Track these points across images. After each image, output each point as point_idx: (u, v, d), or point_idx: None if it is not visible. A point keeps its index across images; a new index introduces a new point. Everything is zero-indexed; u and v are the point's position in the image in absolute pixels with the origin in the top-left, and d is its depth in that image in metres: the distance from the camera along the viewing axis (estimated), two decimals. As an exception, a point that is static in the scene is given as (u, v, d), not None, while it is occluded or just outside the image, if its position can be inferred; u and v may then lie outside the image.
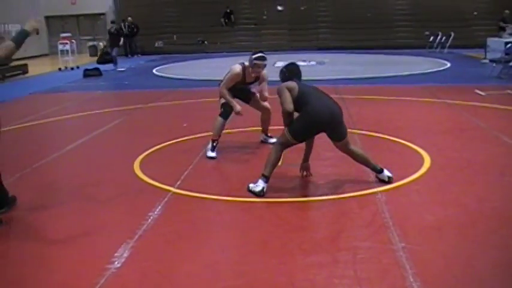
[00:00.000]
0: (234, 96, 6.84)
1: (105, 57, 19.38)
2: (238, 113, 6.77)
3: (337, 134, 5.50)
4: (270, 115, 7.22)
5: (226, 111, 6.82)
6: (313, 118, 5.30)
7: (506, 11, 21.26)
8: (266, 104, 7.09)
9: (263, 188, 5.28)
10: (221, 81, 6.94)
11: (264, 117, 7.25)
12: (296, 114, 5.37)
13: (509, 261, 3.86)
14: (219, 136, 6.86)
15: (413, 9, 28.34)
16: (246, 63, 6.72)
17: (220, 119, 6.84)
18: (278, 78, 5.75)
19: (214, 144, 6.81)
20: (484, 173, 5.92)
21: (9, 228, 4.78)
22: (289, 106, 5.26)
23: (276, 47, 24.41)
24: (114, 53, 19.50)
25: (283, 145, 5.48)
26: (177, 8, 29.52)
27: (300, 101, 5.31)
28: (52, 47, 27.85)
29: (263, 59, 6.60)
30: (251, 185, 5.37)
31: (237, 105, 6.76)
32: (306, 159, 5.86)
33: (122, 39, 20.48)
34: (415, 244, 4.08)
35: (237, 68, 6.70)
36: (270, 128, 7.34)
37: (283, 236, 4.37)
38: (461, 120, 8.74)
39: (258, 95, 7.10)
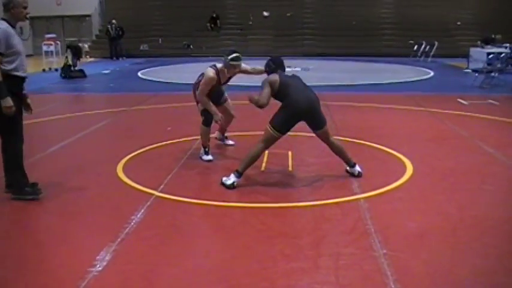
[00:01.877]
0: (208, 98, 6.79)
1: (71, 73, 17.07)
2: (218, 121, 6.78)
3: (317, 123, 5.86)
4: (231, 120, 7.34)
5: (208, 118, 6.78)
6: (293, 109, 5.68)
7: (498, 36, 21.10)
8: (233, 113, 7.23)
9: (233, 182, 5.66)
10: (195, 84, 6.87)
11: (226, 119, 7.22)
12: (279, 104, 5.80)
13: (490, 269, 3.90)
14: (209, 141, 6.89)
15: (398, 18, 28.58)
16: (219, 65, 6.67)
17: (203, 127, 6.83)
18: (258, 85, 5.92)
19: (206, 149, 6.85)
20: (466, 182, 5.99)
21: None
22: (264, 102, 5.68)
23: (261, 52, 24.41)
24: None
25: (267, 142, 5.78)
26: (163, 12, 29.45)
27: (281, 92, 5.73)
28: (36, 47, 27.57)
29: (239, 59, 6.58)
30: (224, 178, 5.73)
31: (218, 112, 6.72)
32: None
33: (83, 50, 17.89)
34: (396, 251, 4.11)
35: (211, 72, 6.61)
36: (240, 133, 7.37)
37: (265, 241, 4.38)
38: (443, 129, 8.82)
39: (229, 101, 7.17)
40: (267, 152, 6.85)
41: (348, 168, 6.09)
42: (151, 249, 4.24)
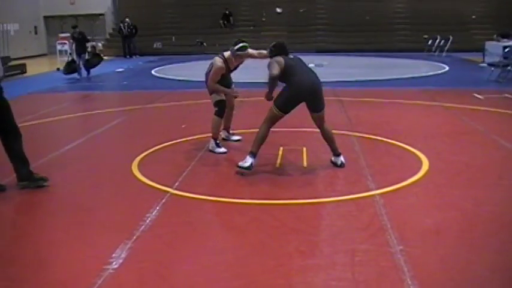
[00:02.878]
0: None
1: (73, 66, 16.74)
2: (236, 96, 7.17)
3: (316, 105, 6.08)
4: (232, 112, 7.49)
5: (221, 109, 6.95)
6: (296, 89, 5.95)
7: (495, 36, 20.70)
8: (233, 101, 7.40)
9: (251, 163, 5.90)
10: (206, 74, 7.07)
11: (227, 113, 7.33)
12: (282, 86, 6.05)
13: (507, 265, 3.86)
14: (219, 133, 7.07)
15: (411, 12, 28.38)
16: (226, 54, 6.91)
17: (216, 118, 6.96)
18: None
19: (217, 141, 6.97)
20: (483, 177, 5.93)
21: (6, 228, 4.77)
22: (274, 72, 5.85)
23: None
24: (80, 61, 16.91)
25: (270, 120, 6.05)
26: (176, 9, 29.52)
27: (286, 73, 5.94)
28: (51, 46, 27.84)
29: (245, 49, 6.81)
30: (240, 163, 5.95)
31: (233, 90, 7.10)
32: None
33: (88, 44, 17.56)
34: (413, 247, 4.08)
35: (219, 62, 6.87)
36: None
37: (280, 238, 4.36)
38: (459, 124, 8.75)
39: (235, 89, 7.32)
40: (282, 148, 6.86)
41: (332, 158, 6.27)
42: (167, 247, 4.24)
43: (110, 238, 4.39)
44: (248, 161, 5.91)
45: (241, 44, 6.78)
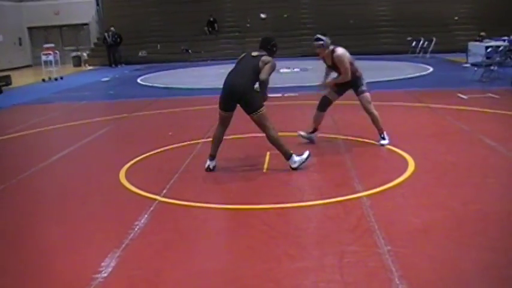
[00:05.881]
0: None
1: None
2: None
3: (244, 107, 6.21)
4: None
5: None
6: (222, 91, 6.29)
7: (483, 33, 20.95)
8: None
9: (208, 165, 6.38)
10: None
11: None
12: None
13: (495, 262, 3.89)
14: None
15: (395, 15, 28.55)
16: None
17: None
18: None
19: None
20: (469, 176, 5.98)
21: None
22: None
23: (260, 54, 24.57)
24: None
25: (218, 120, 6.41)
26: (161, 17, 29.49)
27: None
28: (35, 58, 27.69)
29: (316, 40, 7.06)
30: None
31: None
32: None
33: None
34: (401, 247, 4.11)
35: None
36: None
37: (269, 242, 4.38)
38: (444, 124, 8.82)
39: None
40: (268, 152, 6.89)
41: (288, 161, 6.28)
42: (156, 254, 4.24)
43: (98, 247, 4.39)
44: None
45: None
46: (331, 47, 7.08)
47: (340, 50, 7.10)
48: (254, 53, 6.39)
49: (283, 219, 4.95)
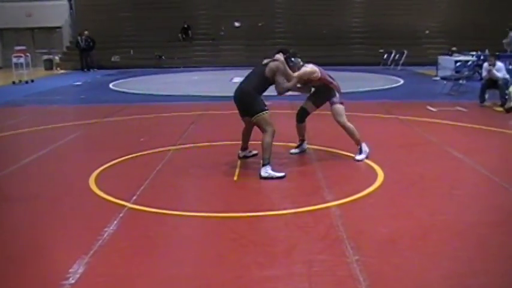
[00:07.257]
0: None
1: None
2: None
3: (243, 110, 6.62)
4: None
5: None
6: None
7: (454, 48, 21.28)
8: None
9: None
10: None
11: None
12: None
13: (459, 272, 3.98)
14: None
15: (367, 27, 28.90)
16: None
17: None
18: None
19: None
20: (436, 187, 6.09)
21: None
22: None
23: (233, 62, 24.58)
24: None
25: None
26: (135, 23, 29.31)
27: None
28: (6, 60, 27.27)
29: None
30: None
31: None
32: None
33: None
34: (369, 256, 4.17)
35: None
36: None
37: (239, 250, 4.40)
38: (413, 136, 8.96)
39: None
40: (239, 161, 6.92)
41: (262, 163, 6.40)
42: (125, 261, 4.23)
43: (67, 253, 4.35)
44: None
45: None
46: (301, 64, 7.17)
47: (308, 66, 7.21)
48: (265, 61, 6.66)
49: (253, 227, 4.97)
